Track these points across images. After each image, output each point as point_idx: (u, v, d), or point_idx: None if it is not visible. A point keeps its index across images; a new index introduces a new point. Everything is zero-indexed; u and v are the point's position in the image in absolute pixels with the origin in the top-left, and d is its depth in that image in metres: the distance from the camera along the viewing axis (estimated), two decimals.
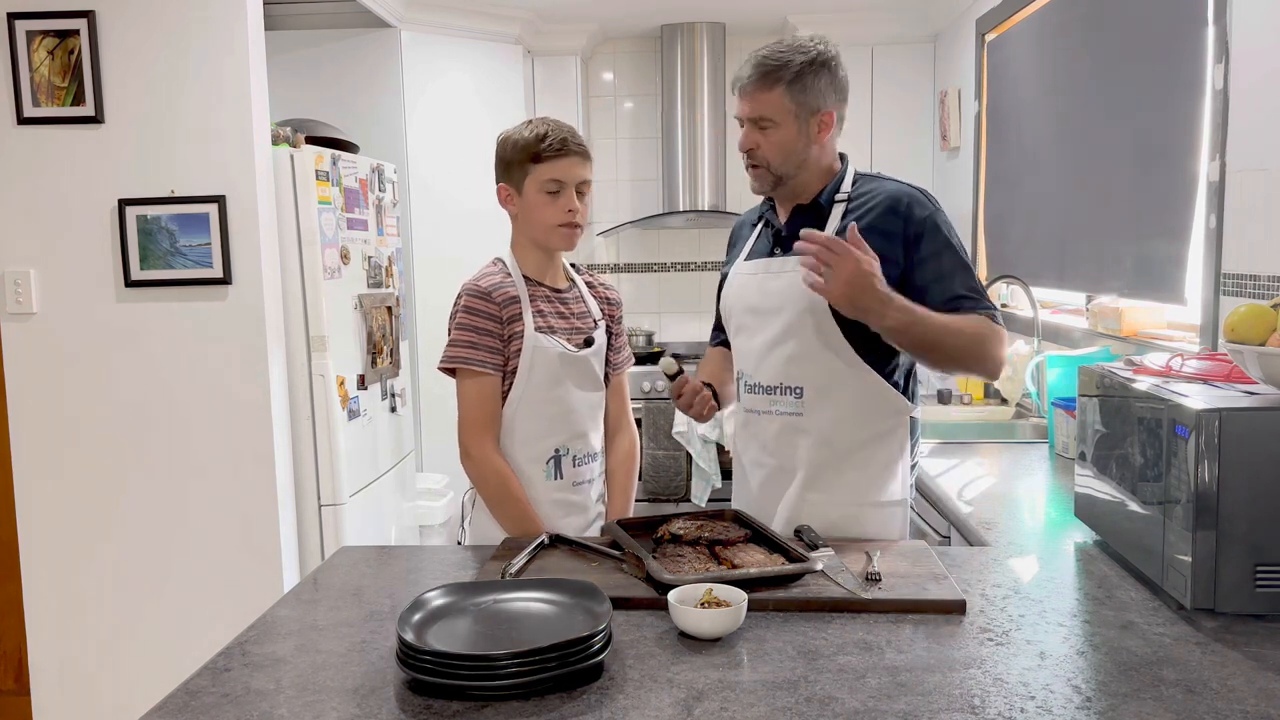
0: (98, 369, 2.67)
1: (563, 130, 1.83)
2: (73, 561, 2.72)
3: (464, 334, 1.81)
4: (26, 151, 2.61)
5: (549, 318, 1.86)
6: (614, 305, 2.01)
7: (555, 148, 1.80)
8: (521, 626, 1.26)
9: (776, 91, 1.72)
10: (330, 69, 3.91)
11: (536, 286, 1.88)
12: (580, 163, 1.83)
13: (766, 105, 1.73)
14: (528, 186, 1.83)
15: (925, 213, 1.71)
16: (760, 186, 1.81)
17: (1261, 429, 1.29)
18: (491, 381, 1.82)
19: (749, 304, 1.83)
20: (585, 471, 1.90)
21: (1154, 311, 2.55)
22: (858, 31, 4.40)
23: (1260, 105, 1.99)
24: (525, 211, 1.85)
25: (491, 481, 1.82)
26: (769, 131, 1.74)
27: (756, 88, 1.73)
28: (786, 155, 1.75)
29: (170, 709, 1.14)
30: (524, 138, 1.82)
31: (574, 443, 1.87)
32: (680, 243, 4.94)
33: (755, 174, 1.79)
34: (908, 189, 1.75)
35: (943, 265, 1.69)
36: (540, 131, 1.81)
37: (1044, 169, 3.19)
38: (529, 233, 1.87)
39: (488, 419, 1.83)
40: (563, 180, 1.81)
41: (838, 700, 1.11)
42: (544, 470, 1.85)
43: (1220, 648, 1.24)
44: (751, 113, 1.75)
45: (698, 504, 4.03)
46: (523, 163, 1.82)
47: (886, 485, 1.77)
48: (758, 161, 1.77)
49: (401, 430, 3.45)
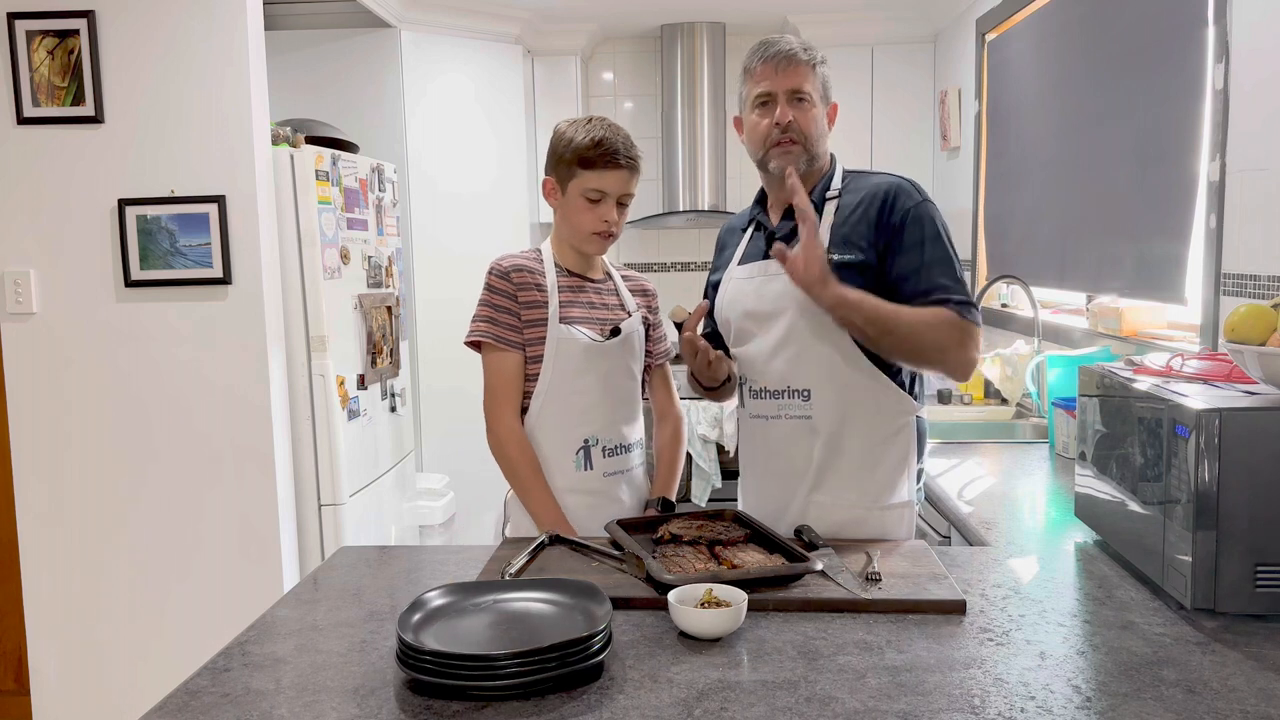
0: (98, 369, 2.67)
1: (618, 141, 1.81)
2: (73, 561, 2.72)
3: (483, 310, 1.86)
4: (26, 151, 2.61)
5: (576, 308, 1.87)
6: (650, 296, 2.01)
7: (606, 159, 1.79)
8: (521, 626, 1.26)
9: (812, 71, 1.72)
10: (330, 69, 3.91)
11: (569, 277, 1.89)
12: (628, 178, 1.82)
13: (806, 79, 1.71)
14: (571, 188, 1.83)
15: (911, 203, 1.68)
16: (793, 162, 1.73)
17: (1261, 429, 1.29)
18: (511, 357, 1.84)
19: (747, 309, 1.81)
20: (617, 463, 1.89)
21: (1154, 311, 2.55)
22: (858, 31, 4.41)
23: (1260, 105, 1.99)
24: (564, 211, 1.86)
25: (507, 453, 1.84)
26: (805, 106, 1.72)
27: (795, 63, 1.70)
28: (819, 134, 1.74)
29: (170, 709, 1.14)
30: (578, 140, 1.80)
31: (604, 433, 1.87)
32: (680, 243, 4.94)
33: (789, 150, 1.72)
34: (895, 180, 1.73)
35: (923, 256, 1.65)
36: (596, 136, 1.79)
37: (1044, 169, 3.19)
38: (563, 231, 1.89)
39: (507, 392, 1.84)
40: (607, 191, 1.81)
41: (838, 700, 1.11)
42: (574, 460, 1.85)
43: (1220, 648, 1.24)
44: (792, 84, 1.70)
45: (698, 504, 4.03)
46: (571, 164, 1.81)
47: (895, 488, 1.76)
48: (795, 136, 1.71)
49: (401, 430, 3.45)
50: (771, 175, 1.78)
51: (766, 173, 1.79)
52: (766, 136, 1.73)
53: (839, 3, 4.26)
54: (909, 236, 1.67)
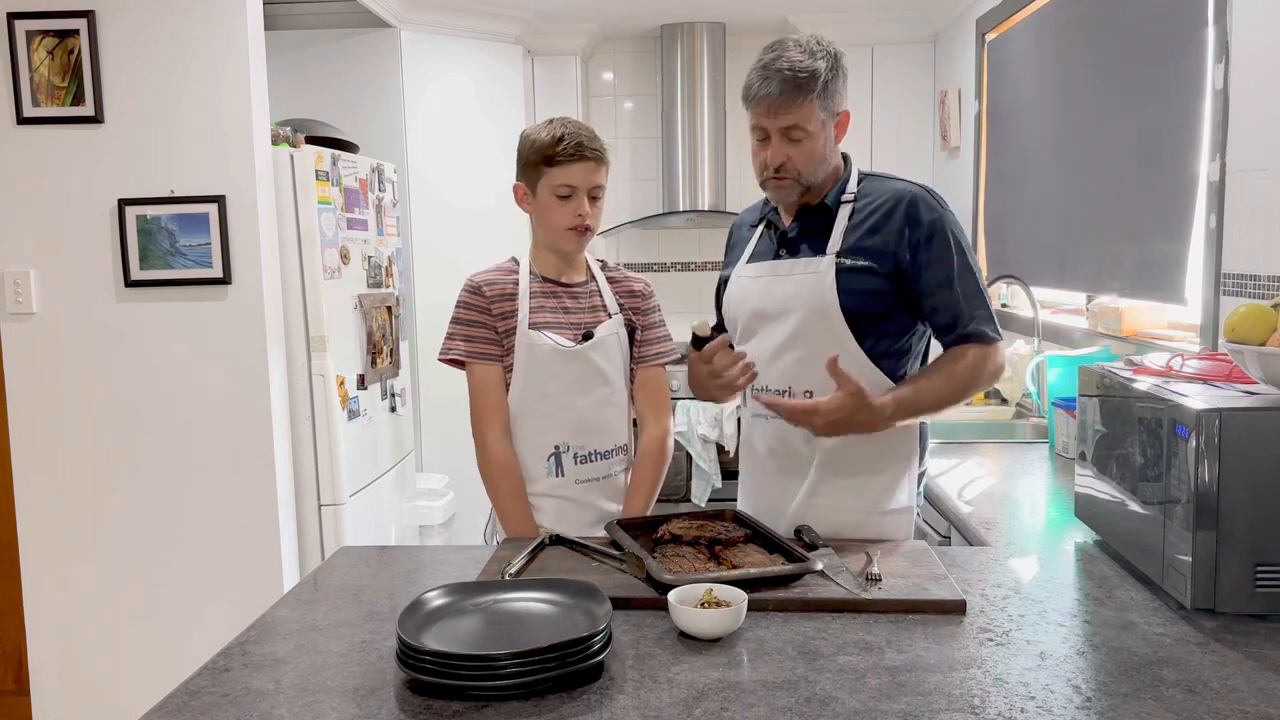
0: (98, 369, 2.67)
1: (580, 134, 1.80)
2: (73, 561, 2.72)
3: (457, 327, 1.86)
4: (26, 151, 2.61)
5: (547, 313, 1.86)
6: (637, 297, 1.97)
7: (569, 153, 1.79)
8: (521, 626, 1.26)
9: (809, 102, 1.67)
10: (330, 69, 3.91)
11: (544, 282, 1.88)
12: (594, 169, 1.82)
13: (800, 116, 1.67)
14: (541, 188, 1.83)
15: (933, 215, 1.68)
16: (785, 198, 1.76)
17: (1261, 429, 1.29)
18: (490, 369, 1.84)
19: (755, 308, 1.80)
20: (591, 470, 1.88)
21: (1154, 311, 2.55)
22: (858, 31, 4.40)
23: (1260, 105, 1.99)
24: (538, 213, 1.86)
25: (489, 470, 1.85)
26: (801, 143, 1.69)
27: (789, 100, 1.65)
28: (817, 164, 1.72)
29: (170, 709, 1.14)
30: (540, 140, 1.81)
31: (577, 440, 1.86)
32: (680, 243, 4.94)
33: (782, 186, 1.73)
34: (913, 189, 1.72)
35: (950, 270, 1.67)
36: (557, 134, 1.80)
37: (1044, 169, 3.19)
38: (540, 234, 1.89)
39: (491, 406, 1.85)
40: (575, 185, 1.81)
41: (838, 700, 1.11)
42: (544, 466, 1.85)
43: (1220, 648, 1.24)
44: (785, 124, 1.68)
45: (698, 504, 4.03)
46: (537, 165, 1.81)
47: (895, 492, 1.75)
48: (788, 174, 1.71)
49: (401, 430, 3.45)
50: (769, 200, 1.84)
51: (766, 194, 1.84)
52: (763, 169, 1.74)
53: (839, 3, 4.26)
54: (934, 251, 1.67)
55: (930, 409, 1.69)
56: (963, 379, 1.68)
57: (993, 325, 1.70)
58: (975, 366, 1.68)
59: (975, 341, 1.68)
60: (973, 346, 1.68)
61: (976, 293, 1.69)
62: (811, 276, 1.71)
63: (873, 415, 1.62)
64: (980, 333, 1.68)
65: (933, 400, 1.67)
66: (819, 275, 1.70)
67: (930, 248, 1.67)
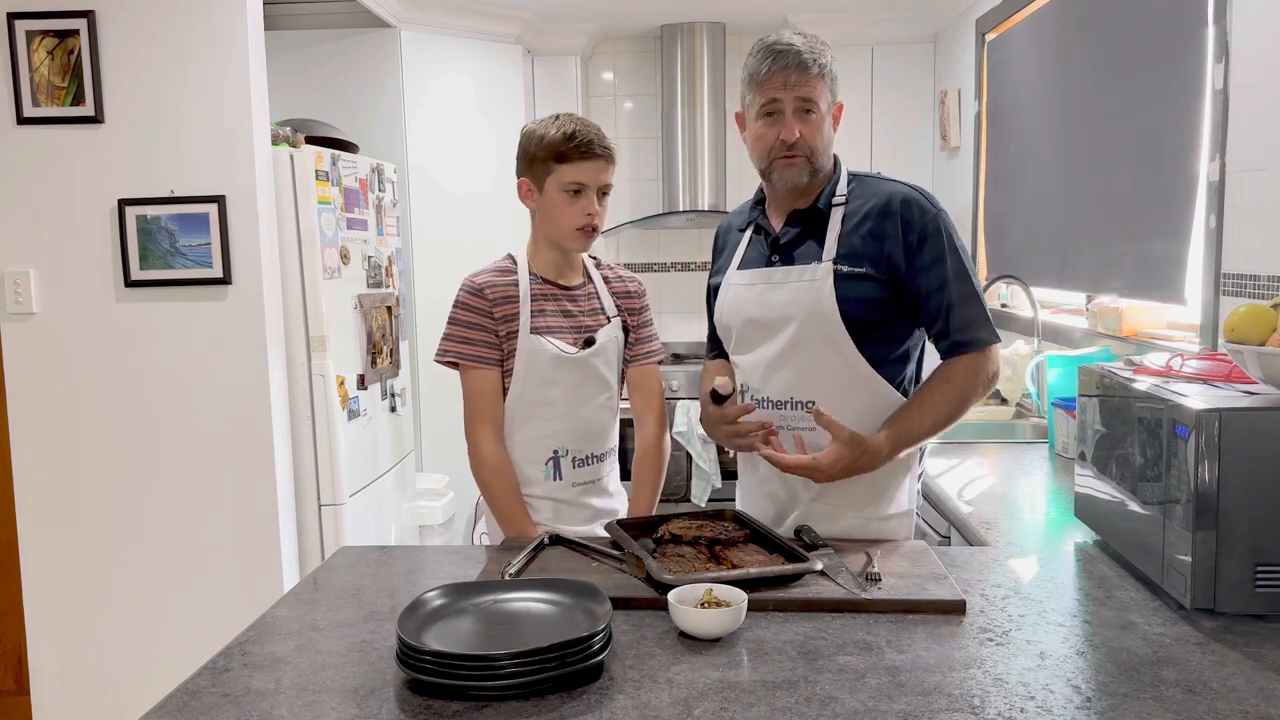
0: (98, 369, 2.67)
1: (590, 131, 1.79)
2: (73, 561, 2.72)
3: (456, 329, 1.84)
4: (26, 151, 2.61)
5: (549, 317, 1.84)
6: (632, 297, 1.96)
7: (581, 150, 1.77)
8: (521, 626, 1.26)
9: (821, 77, 1.66)
10: (330, 69, 3.91)
11: (544, 284, 1.86)
12: (605, 167, 1.81)
13: (814, 90, 1.65)
14: (549, 185, 1.81)
15: (927, 217, 1.66)
16: (795, 178, 1.70)
17: (1261, 429, 1.29)
18: (487, 375, 1.83)
19: (749, 317, 1.76)
20: (588, 473, 1.88)
21: (1154, 311, 2.55)
22: (858, 31, 4.41)
23: (1260, 105, 1.99)
24: (544, 210, 1.84)
25: (482, 474, 1.84)
26: (813, 118, 1.67)
27: (804, 73, 1.64)
28: (826, 145, 1.70)
29: (170, 709, 1.14)
30: (550, 136, 1.78)
31: (575, 444, 1.86)
32: (680, 243, 4.94)
33: (794, 164, 1.68)
34: (906, 190, 1.69)
35: (945, 273, 1.65)
36: (568, 130, 1.78)
37: (1044, 169, 3.19)
38: (545, 231, 1.86)
39: (485, 411, 1.83)
40: (585, 183, 1.79)
41: (838, 700, 1.11)
42: (543, 470, 1.85)
43: (1220, 648, 1.24)
44: (801, 94, 1.65)
45: (698, 504, 4.03)
46: (546, 161, 1.79)
47: (895, 497, 1.74)
48: (801, 151, 1.67)
49: (401, 430, 3.45)
50: (774, 184, 1.75)
51: (769, 181, 1.76)
52: (771, 148, 1.69)
53: (839, 3, 4.26)
54: (929, 253, 1.65)
55: (927, 434, 1.68)
56: (954, 399, 1.66)
57: (988, 328, 1.67)
58: (967, 380, 1.66)
59: (969, 348, 1.66)
60: (964, 357, 1.66)
61: (972, 295, 1.67)
62: (808, 284, 1.68)
63: (872, 457, 1.62)
64: (975, 339, 1.66)
65: (928, 426, 1.66)
66: (816, 283, 1.67)
67: (925, 250, 1.65)
